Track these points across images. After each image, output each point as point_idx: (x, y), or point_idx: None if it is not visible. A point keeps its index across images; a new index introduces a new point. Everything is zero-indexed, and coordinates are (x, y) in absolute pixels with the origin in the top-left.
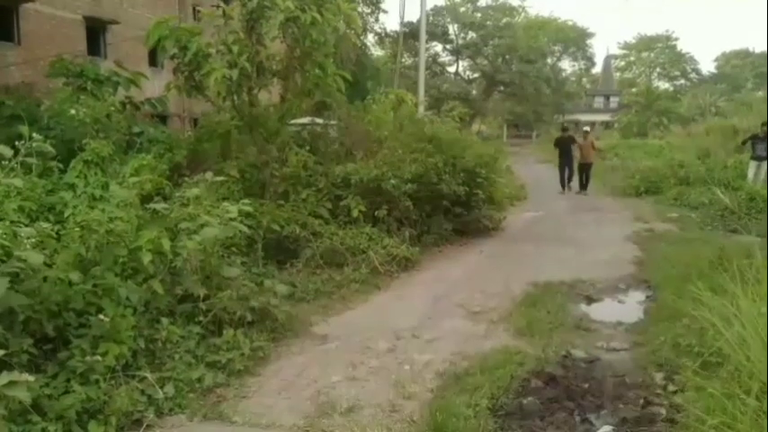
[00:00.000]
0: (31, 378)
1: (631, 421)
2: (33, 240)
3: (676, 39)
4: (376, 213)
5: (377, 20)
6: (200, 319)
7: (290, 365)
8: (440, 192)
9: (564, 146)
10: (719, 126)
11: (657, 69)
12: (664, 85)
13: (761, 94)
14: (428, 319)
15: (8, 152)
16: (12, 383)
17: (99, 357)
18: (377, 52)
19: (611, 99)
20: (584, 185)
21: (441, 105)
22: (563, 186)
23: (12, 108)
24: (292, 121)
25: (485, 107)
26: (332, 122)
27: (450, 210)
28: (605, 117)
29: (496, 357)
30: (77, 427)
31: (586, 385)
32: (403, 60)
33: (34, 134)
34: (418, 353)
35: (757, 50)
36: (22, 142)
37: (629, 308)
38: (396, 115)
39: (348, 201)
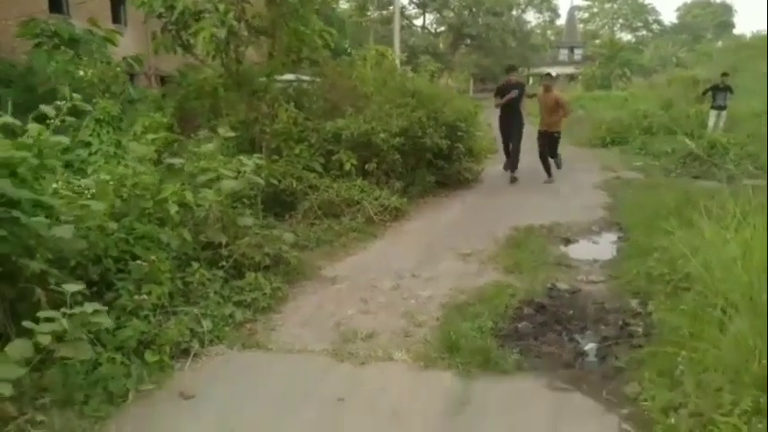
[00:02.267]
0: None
1: (612, 339)
2: (93, 191)
3: None
4: (366, 167)
5: None
6: (223, 264)
7: (307, 303)
8: (423, 145)
9: (508, 101)
10: (681, 77)
11: (620, 20)
12: (626, 36)
13: (720, 44)
14: (424, 261)
15: (51, 111)
16: (96, 312)
17: (145, 296)
18: (342, 5)
19: (576, 51)
20: (548, 167)
21: (413, 60)
22: (507, 168)
23: None
24: (278, 78)
25: (452, 61)
26: (316, 79)
27: (433, 163)
28: (570, 69)
29: (490, 290)
30: (135, 357)
31: (571, 312)
32: (368, 14)
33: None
34: (420, 289)
35: (718, 0)
36: (64, 102)
37: (603, 247)
38: (379, 71)
39: (340, 155)
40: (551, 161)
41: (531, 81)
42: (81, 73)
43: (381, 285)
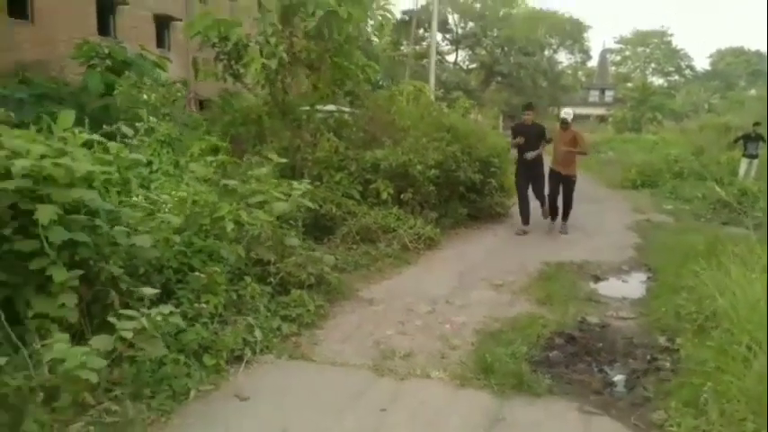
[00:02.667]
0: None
1: (640, 372)
2: (170, 205)
3: (671, 35)
4: (402, 196)
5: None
6: (271, 280)
7: (347, 322)
8: (457, 178)
9: (526, 142)
10: (713, 123)
11: (652, 65)
12: (658, 80)
13: (754, 92)
14: (457, 289)
15: (130, 132)
16: (171, 313)
17: (204, 305)
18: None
19: (607, 93)
20: (555, 211)
21: (447, 95)
22: (524, 218)
23: (42, 87)
24: (319, 108)
25: (482, 97)
26: (355, 111)
27: (466, 196)
28: (600, 111)
29: (523, 320)
30: (194, 360)
31: (600, 345)
32: (402, 48)
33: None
34: (454, 315)
35: (752, 49)
36: (141, 123)
37: (632, 286)
38: (416, 105)
39: (377, 184)
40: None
41: None
42: (144, 96)
43: (417, 309)
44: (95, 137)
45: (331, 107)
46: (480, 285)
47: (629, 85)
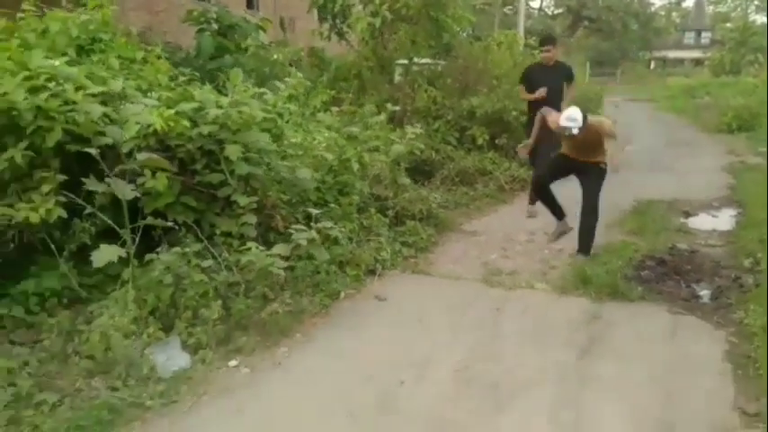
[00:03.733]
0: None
1: (725, 287)
2: (325, 144)
3: None
4: (497, 141)
5: None
6: (389, 213)
7: (455, 248)
8: None
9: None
10: None
11: (755, 2)
12: (761, 19)
13: None
14: (553, 222)
15: (282, 86)
16: (332, 228)
17: (342, 228)
18: None
19: (703, 35)
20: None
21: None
22: (532, 199)
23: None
24: (416, 61)
25: (569, 44)
26: (441, 62)
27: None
28: (696, 54)
29: (616, 246)
30: (339, 271)
31: (689, 267)
32: None
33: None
34: (552, 243)
35: None
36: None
37: (722, 220)
38: (510, 54)
39: (473, 130)
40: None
41: (652, 65)
42: (275, 56)
43: (517, 239)
44: (257, 90)
45: (426, 60)
46: (574, 219)
47: (728, 25)
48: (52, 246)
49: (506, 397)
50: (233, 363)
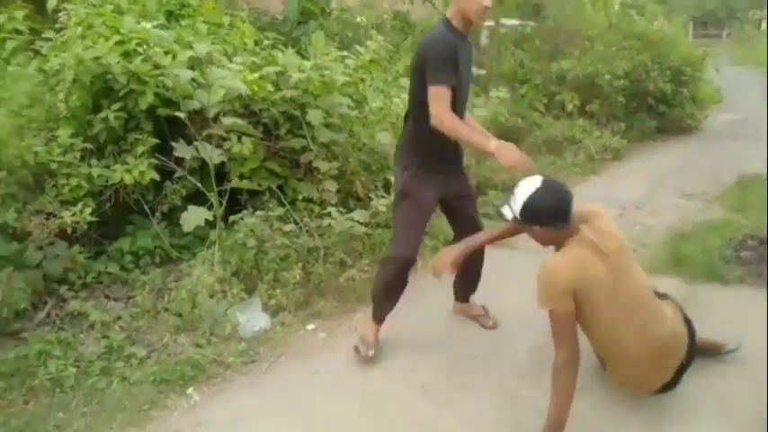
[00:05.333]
0: None
1: None
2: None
3: None
4: (587, 108)
5: None
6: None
7: None
8: (646, 89)
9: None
10: None
11: None
12: None
13: None
14: (646, 196)
15: (362, 51)
16: None
17: None
18: None
19: None
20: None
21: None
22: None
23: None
24: (504, 23)
25: (669, 1)
26: (531, 23)
27: (654, 107)
28: None
29: (715, 224)
30: None
31: None
32: None
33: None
34: (644, 218)
35: None
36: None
37: None
38: (605, 13)
39: (563, 95)
40: None
41: (763, 25)
42: (357, 19)
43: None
44: (341, 53)
45: (514, 21)
46: (670, 193)
47: None
48: (146, 207)
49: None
50: (311, 326)
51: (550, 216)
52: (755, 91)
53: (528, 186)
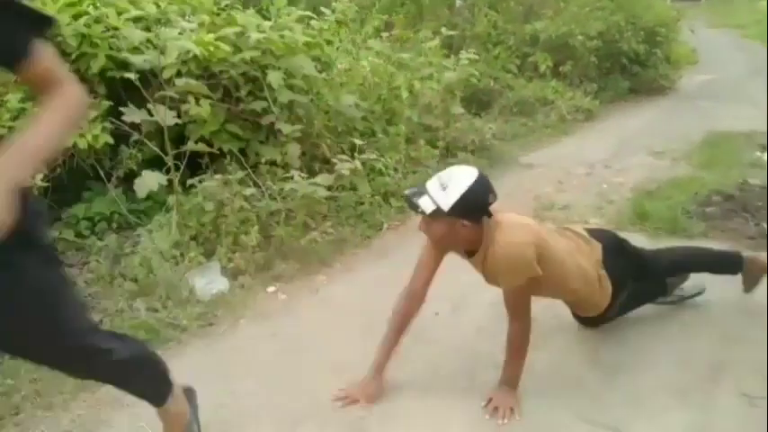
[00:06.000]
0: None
1: None
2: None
3: None
4: (560, 68)
5: None
6: (439, 144)
7: (508, 182)
8: (620, 49)
9: None
10: None
11: None
12: None
13: None
14: (615, 155)
15: (329, 12)
16: (376, 159)
17: (388, 159)
18: None
19: None
20: None
21: None
22: None
23: None
24: None
25: None
26: None
27: (628, 68)
28: None
29: (681, 181)
30: (384, 202)
31: (760, 203)
32: None
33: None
34: (612, 177)
35: None
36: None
37: None
38: None
39: (536, 57)
40: None
41: None
42: None
43: (575, 172)
44: (303, 13)
45: None
46: (639, 153)
47: None
48: (101, 172)
49: (539, 336)
50: (271, 289)
51: (483, 210)
52: (730, 52)
53: (465, 178)
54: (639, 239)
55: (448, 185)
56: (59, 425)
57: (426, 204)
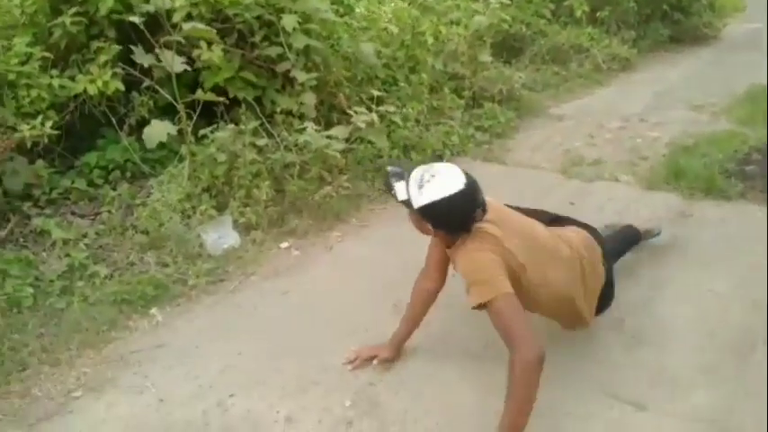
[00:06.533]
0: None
1: None
2: (390, 16)
3: None
4: (597, 14)
5: None
6: (465, 93)
7: (537, 134)
8: None
9: None
10: None
11: None
12: None
13: None
14: (652, 108)
15: None
16: (393, 112)
17: (410, 110)
18: None
19: None
20: None
21: None
22: None
23: None
24: None
25: None
26: None
27: (669, 14)
28: None
29: (720, 137)
30: (404, 155)
31: None
32: None
33: None
34: (647, 131)
35: None
36: None
37: None
38: None
39: (571, 1)
40: None
41: None
42: None
43: (608, 125)
44: None
45: None
46: (678, 106)
47: None
48: (113, 119)
49: None
50: (284, 245)
51: (456, 225)
52: None
53: (445, 183)
54: (673, 200)
55: (425, 185)
56: (65, 382)
57: (400, 191)
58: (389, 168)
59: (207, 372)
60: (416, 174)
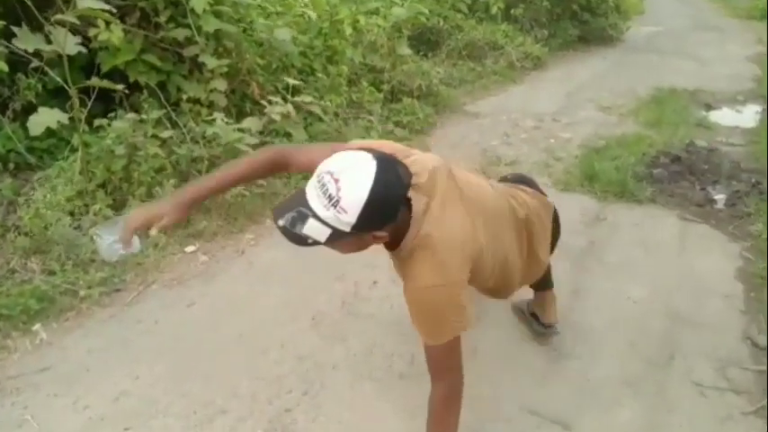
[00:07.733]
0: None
1: (743, 192)
2: (307, 1)
3: None
4: (512, 11)
5: None
6: (383, 87)
7: (454, 132)
8: None
9: None
10: None
11: None
12: None
13: None
14: (563, 108)
15: None
16: (311, 102)
17: (328, 103)
18: None
19: None
20: None
21: None
22: None
23: None
24: None
25: None
26: None
27: (578, 15)
28: None
29: (629, 139)
30: None
31: (706, 166)
32: None
33: None
34: (560, 131)
35: None
36: None
37: (746, 116)
38: None
39: None
40: None
41: None
42: None
43: (522, 124)
44: None
45: None
46: (588, 106)
47: None
48: None
49: (482, 313)
50: (190, 249)
51: (395, 209)
52: (673, 4)
53: (360, 178)
54: (587, 202)
55: (339, 197)
56: None
57: (317, 232)
58: (280, 222)
59: (99, 401)
60: (316, 194)
